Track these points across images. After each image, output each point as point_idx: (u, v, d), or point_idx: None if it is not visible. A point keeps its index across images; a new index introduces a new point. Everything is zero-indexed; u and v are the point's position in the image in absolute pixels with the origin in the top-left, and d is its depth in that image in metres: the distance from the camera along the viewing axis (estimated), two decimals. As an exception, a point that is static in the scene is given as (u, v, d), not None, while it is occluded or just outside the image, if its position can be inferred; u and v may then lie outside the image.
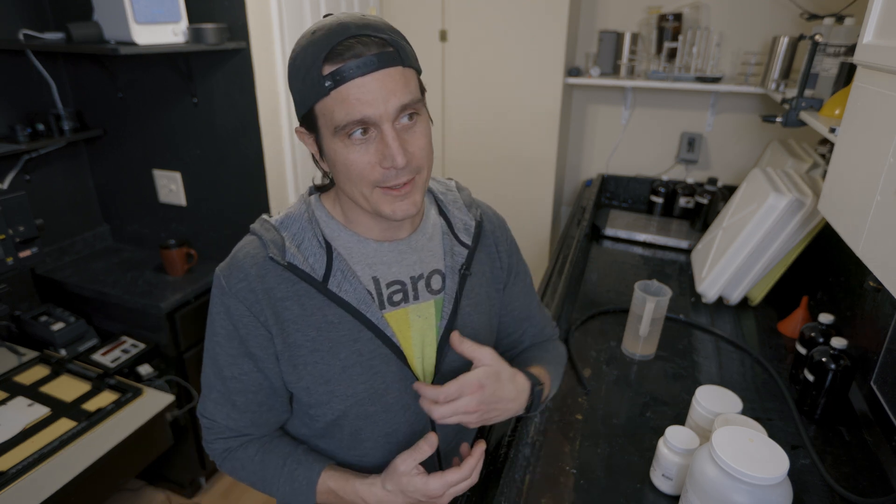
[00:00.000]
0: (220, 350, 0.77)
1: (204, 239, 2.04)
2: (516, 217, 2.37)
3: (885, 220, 0.75)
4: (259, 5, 1.70)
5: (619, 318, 1.50)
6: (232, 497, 2.10)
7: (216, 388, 0.79)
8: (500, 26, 2.15)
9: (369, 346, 0.76)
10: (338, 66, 0.63)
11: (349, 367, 0.76)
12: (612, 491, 0.95)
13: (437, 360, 0.82)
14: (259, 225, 0.78)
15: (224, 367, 0.77)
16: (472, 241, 0.85)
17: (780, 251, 1.46)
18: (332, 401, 0.77)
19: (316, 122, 0.68)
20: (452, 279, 0.81)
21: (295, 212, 0.78)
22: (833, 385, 1.09)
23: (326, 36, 0.64)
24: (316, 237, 0.75)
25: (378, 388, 0.78)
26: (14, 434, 1.35)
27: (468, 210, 0.87)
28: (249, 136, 1.81)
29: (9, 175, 1.80)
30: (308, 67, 0.65)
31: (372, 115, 0.64)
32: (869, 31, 0.88)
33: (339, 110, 0.65)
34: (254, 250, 0.75)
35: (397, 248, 0.78)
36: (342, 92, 0.64)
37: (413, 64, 0.69)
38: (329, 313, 0.75)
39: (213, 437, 0.82)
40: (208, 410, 0.81)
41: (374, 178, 0.68)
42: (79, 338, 1.78)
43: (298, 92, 0.68)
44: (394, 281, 0.78)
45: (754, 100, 2.18)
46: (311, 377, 0.76)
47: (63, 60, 1.91)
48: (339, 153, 0.68)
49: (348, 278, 0.74)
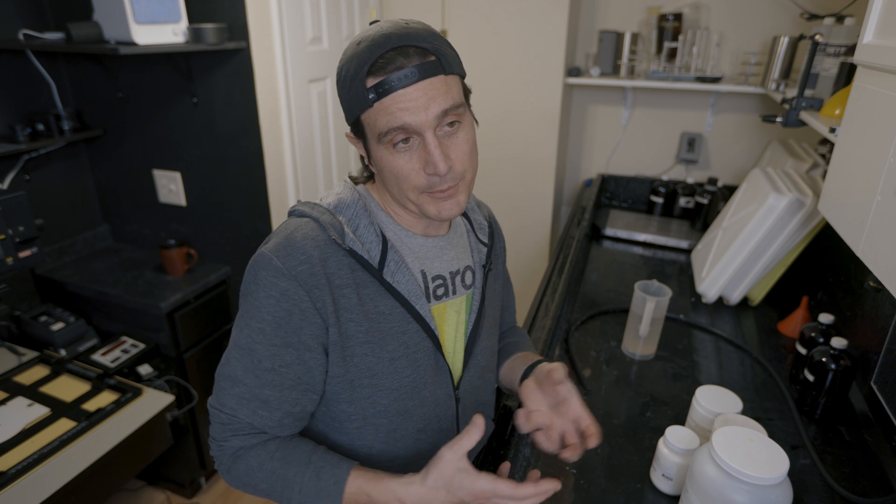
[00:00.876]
0: (261, 339, 0.71)
1: (204, 239, 2.04)
2: (516, 217, 2.37)
3: (885, 220, 0.75)
4: (259, 5, 1.70)
5: (619, 318, 1.50)
6: (232, 497, 2.10)
7: (244, 382, 0.73)
8: (500, 26, 2.15)
9: (415, 338, 0.77)
10: (380, 78, 0.65)
11: (396, 359, 0.76)
12: (612, 491, 0.95)
13: (465, 355, 0.84)
14: (308, 208, 0.76)
15: (263, 359, 0.72)
16: (489, 239, 0.90)
17: (780, 251, 1.46)
18: (374, 395, 0.76)
19: (363, 129, 0.71)
20: (480, 274, 0.86)
21: (348, 198, 0.77)
22: (833, 385, 1.09)
23: (370, 48, 0.65)
24: (372, 225, 0.75)
25: (419, 382, 0.78)
26: (14, 434, 1.35)
27: (479, 210, 0.93)
28: (249, 136, 1.81)
29: (9, 175, 1.80)
30: (353, 79, 0.67)
31: (412, 122, 0.66)
32: (869, 30, 0.88)
33: (381, 119, 0.67)
34: (312, 232, 0.72)
35: (438, 243, 0.81)
36: (385, 103, 0.66)
37: (456, 70, 0.69)
38: (381, 304, 0.74)
39: (229, 435, 0.75)
40: (229, 405, 0.74)
41: (419, 184, 0.70)
42: (79, 338, 1.78)
43: (346, 101, 0.70)
44: (437, 275, 0.80)
45: (754, 100, 2.18)
46: (357, 369, 0.75)
47: (63, 60, 1.91)
48: (385, 159, 0.70)
49: (401, 269, 0.75)
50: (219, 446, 0.77)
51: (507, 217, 2.38)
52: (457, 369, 0.84)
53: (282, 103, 1.89)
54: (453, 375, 0.83)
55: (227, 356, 0.75)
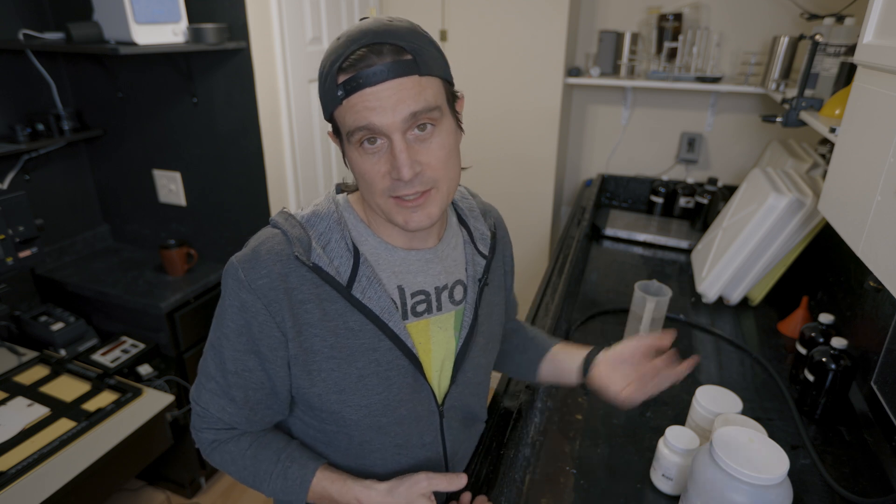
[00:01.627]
0: (226, 343, 0.73)
1: (204, 239, 2.04)
2: (516, 217, 2.37)
3: (885, 220, 0.75)
4: (259, 5, 1.70)
5: (619, 318, 1.50)
6: (232, 497, 2.10)
7: (215, 379, 0.76)
8: (500, 26, 2.15)
9: (387, 356, 0.74)
10: (349, 75, 0.63)
11: (365, 376, 0.73)
12: (612, 491, 0.95)
13: (453, 373, 0.81)
14: (283, 219, 0.74)
15: (227, 361, 0.74)
16: (489, 251, 0.85)
17: (780, 251, 1.46)
18: (343, 410, 0.75)
19: (337, 128, 0.69)
20: (473, 290, 0.81)
21: (323, 210, 0.74)
22: (833, 385, 1.09)
23: (345, 43, 0.64)
24: (344, 240, 0.72)
25: (392, 400, 0.76)
26: (14, 434, 1.35)
27: (484, 219, 0.87)
28: (249, 136, 1.81)
29: (9, 175, 1.80)
30: (327, 74, 0.65)
31: (378, 123, 0.63)
32: (869, 30, 0.88)
33: (349, 117, 0.64)
34: (277, 246, 0.71)
35: (424, 257, 0.77)
36: (352, 101, 0.63)
37: (436, 72, 0.66)
38: (350, 320, 0.72)
39: (204, 427, 0.79)
40: (203, 399, 0.77)
41: (383, 187, 0.67)
42: (79, 338, 1.78)
43: (321, 98, 0.68)
44: (418, 291, 0.77)
45: (754, 100, 2.18)
46: (324, 384, 0.73)
47: (63, 60, 1.91)
48: (354, 160, 0.68)
49: (373, 285, 0.72)
50: (196, 435, 0.82)
51: (507, 217, 2.36)
52: (443, 386, 0.82)
53: (282, 103, 1.89)
54: (436, 392, 0.80)
55: (204, 351, 0.78)
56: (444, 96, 0.68)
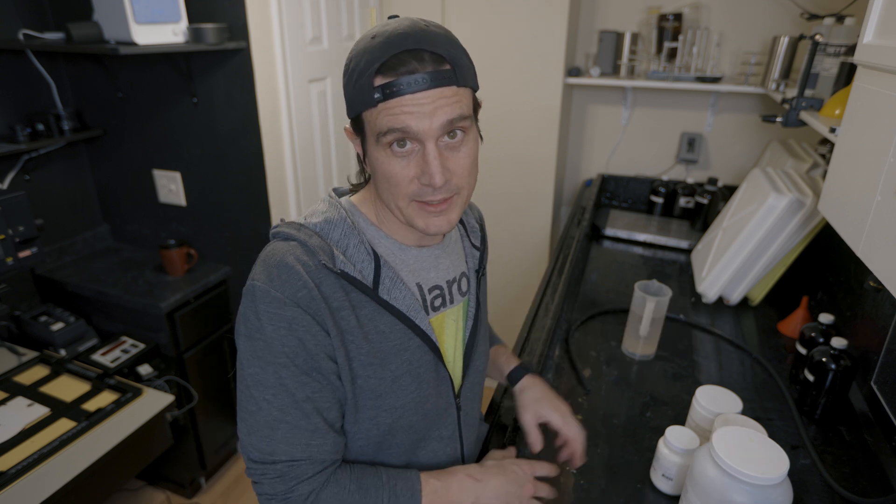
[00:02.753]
0: (285, 373, 0.68)
1: (204, 239, 2.04)
2: (516, 217, 2.37)
3: (885, 220, 0.75)
4: (259, 5, 1.70)
5: (619, 318, 1.50)
6: (232, 497, 2.10)
7: (286, 421, 0.69)
8: (500, 26, 2.14)
9: (417, 353, 0.75)
10: (389, 79, 0.62)
11: (399, 377, 0.73)
12: (612, 491, 0.95)
13: (464, 362, 0.84)
14: (294, 230, 0.71)
15: (296, 391, 0.68)
16: (481, 243, 0.90)
17: (780, 251, 1.46)
18: (378, 415, 0.74)
19: (363, 126, 0.68)
20: (473, 280, 0.85)
21: (334, 217, 0.73)
22: (833, 385, 1.09)
23: (384, 45, 0.62)
24: (363, 244, 0.72)
25: (421, 396, 0.76)
26: (14, 434, 1.35)
27: (471, 213, 0.92)
28: (249, 136, 1.81)
29: (9, 175, 1.80)
30: (361, 74, 0.64)
31: (415, 128, 0.63)
32: (869, 30, 0.88)
33: (383, 119, 0.64)
34: (303, 256, 0.68)
35: (434, 252, 0.79)
36: (389, 104, 0.63)
37: (469, 83, 0.67)
38: (380, 323, 0.72)
39: (293, 484, 0.69)
40: (280, 451, 0.69)
41: (410, 192, 0.67)
42: (79, 338, 1.77)
43: (350, 95, 0.67)
44: (434, 286, 0.78)
45: (754, 100, 2.18)
46: (362, 391, 0.72)
47: (63, 60, 1.91)
48: (380, 161, 0.67)
49: (397, 285, 0.72)
50: (285, 499, 0.70)
51: (507, 217, 2.38)
52: (457, 377, 0.84)
53: (282, 103, 1.89)
54: (454, 384, 0.82)
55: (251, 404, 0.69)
56: (472, 106, 0.69)
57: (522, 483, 0.81)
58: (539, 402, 0.93)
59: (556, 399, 0.95)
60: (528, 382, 0.97)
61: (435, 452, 0.82)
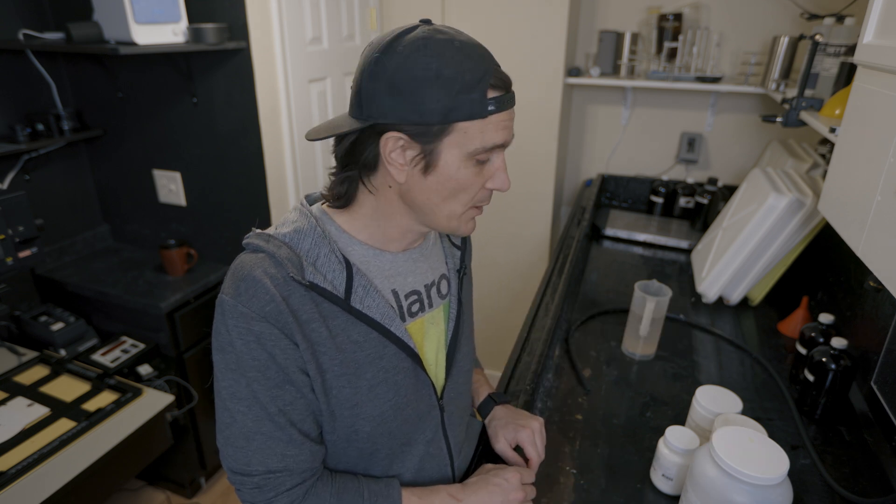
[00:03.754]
0: (257, 386, 0.68)
1: (204, 239, 2.04)
2: (516, 217, 2.37)
3: (885, 220, 0.75)
4: (259, 5, 1.70)
5: (619, 318, 1.50)
6: (232, 497, 2.10)
7: (261, 432, 0.69)
8: (499, 26, 2.14)
9: (393, 361, 0.74)
10: (500, 93, 0.66)
11: (375, 386, 0.73)
12: (612, 491, 0.95)
13: (447, 365, 0.83)
14: (263, 241, 0.70)
15: (268, 403, 0.68)
16: (462, 242, 0.89)
17: (780, 251, 1.46)
18: (356, 423, 0.73)
19: (443, 135, 0.65)
20: (454, 281, 0.84)
21: (304, 226, 0.71)
22: (833, 385, 1.09)
23: (481, 59, 0.65)
24: (333, 253, 0.70)
25: (400, 403, 0.76)
26: (14, 434, 1.35)
27: None
28: (249, 136, 1.81)
29: (9, 175, 1.80)
30: (472, 84, 0.63)
31: (508, 140, 0.69)
32: (869, 30, 0.88)
33: (489, 133, 0.66)
34: (270, 269, 0.67)
35: (411, 256, 0.78)
36: (500, 117, 0.67)
37: None
38: (353, 332, 0.71)
39: (271, 496, 0.70)
40: (255, 462, 0.69)
41: (478, 198, 0.72)
42: (79, 338, 1.78)
43: (439, 102, 0.63)
44: (411, 291, 0.77)
45: (754, 100, 2.18)
46: (337, 401, 0.72)
47: (63, 60, 1.91)
48: (460, 171, 0.67)
49: (370, 293, 0.71)
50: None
51: (507, 217, 2.38)
52: (440, 379, 0.83)
53: (282, 103, 1.89)
54: (436, 387, 0.82)
55: (226, 416, 0.70)
56: None
57: (509, 492, 0.81)
58: (507, 427, 0.93)
59: (524, 417, 0.94)
60: (495, 412, 0.97)
61: (420, 455, 0.82)
